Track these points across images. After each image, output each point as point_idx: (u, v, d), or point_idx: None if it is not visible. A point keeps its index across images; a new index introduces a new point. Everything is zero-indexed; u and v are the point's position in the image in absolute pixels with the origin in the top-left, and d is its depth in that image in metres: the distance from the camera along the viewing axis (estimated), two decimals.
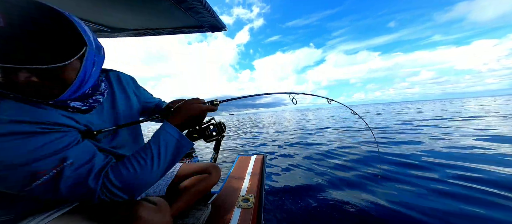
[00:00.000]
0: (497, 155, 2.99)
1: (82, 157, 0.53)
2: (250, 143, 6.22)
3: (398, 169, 2.76)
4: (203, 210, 1.11)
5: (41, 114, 0.50)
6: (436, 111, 10.88)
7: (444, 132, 5.06)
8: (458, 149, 3.42)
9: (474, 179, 2.22)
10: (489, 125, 5.68)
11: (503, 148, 3.29)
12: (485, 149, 3.33)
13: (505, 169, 2.43)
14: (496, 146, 3.49)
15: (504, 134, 4.37)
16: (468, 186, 2.08)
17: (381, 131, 6.22)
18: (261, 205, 1.31)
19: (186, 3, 0.70)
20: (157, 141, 0.62)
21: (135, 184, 0.56)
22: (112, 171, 0.55)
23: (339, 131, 6.92)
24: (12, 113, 0.46)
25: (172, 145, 0.63)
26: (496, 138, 4.05)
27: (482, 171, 2.43)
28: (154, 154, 0.59)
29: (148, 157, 0.59)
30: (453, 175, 2.37)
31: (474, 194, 1.92)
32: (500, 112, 9.74)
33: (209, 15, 0.83)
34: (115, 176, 0.54)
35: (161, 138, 0.63)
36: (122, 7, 0.73)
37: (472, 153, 3.15)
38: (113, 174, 0.54)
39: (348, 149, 4.17)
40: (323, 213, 1.85)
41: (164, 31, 0.99)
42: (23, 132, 0.46)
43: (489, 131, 4.85)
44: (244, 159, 2.20)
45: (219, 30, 1.01)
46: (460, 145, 3.68)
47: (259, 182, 1.60)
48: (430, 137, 4.60)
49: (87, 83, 0.58)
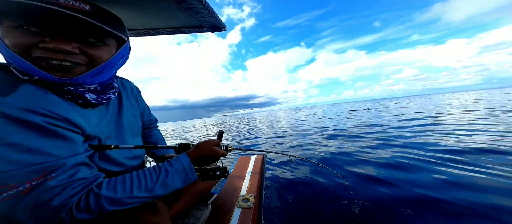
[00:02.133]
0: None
1: (66, 170, 0.47)
2: (249, 143, 6.22)
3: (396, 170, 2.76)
4: (203, 210, 1.11)
5: (54, 105, 0.47)
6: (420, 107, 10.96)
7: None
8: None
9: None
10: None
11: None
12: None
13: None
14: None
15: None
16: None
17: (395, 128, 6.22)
18: (261, 205, 1.31)
19: (186, 3, 0.70)
20: (165, 168, 0.63)
21: (123, 203, 0.53)
22: (102, 187, 0.52)
23: (340, 132, 6.92)
24: (25, 101, 0.42)
25: (179, 177, 0.65)
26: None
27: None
28: (160, 179, 0.60)
29: (152, 181, 0.59)
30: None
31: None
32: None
33: (209, 15, 0.83)
34: (107, 190, 0.51)
35: (173, 167, 0.64)
36: (122, 7, 0.73)
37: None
38: (104, 189, 0.51)
39: (349, 148, 4.17)
40: (323, 213, 1.85)
41: (164, 31, 0.99)
42: (30, 123, 0.42)
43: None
44: (244, 159, 2.20)
45: (219, 30, 1.00)
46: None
47: (259, 182, 1.60)
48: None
49: (110, 71, 0.60)
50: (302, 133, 6.76)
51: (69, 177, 0.46)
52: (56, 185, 0.44)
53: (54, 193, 0.43)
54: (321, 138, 5.42)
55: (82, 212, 0.47)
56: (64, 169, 0.45)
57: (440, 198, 1.82)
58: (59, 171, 0.44)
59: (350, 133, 5.67)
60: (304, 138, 5.69)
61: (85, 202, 0.48)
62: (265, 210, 1.42)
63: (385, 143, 4.06)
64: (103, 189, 0.51)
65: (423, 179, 2.25)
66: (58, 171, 0.44)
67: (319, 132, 6.56)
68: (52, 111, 0.46)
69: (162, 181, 0.60)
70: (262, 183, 1.62)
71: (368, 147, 3.90)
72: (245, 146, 5.61)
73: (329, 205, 1.98)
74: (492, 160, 2.56)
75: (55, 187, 0.44)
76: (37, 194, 0.41)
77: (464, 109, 8.89)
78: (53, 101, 0.48)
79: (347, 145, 4.29)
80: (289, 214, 1.86)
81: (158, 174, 0.61)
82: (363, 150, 3.72)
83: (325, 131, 6.47)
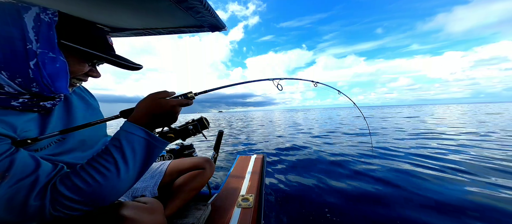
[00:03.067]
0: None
1: (22, 169, 0.45)
2: (250, 142, 6.21)
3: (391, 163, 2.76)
4: (203, 210, 1.11)
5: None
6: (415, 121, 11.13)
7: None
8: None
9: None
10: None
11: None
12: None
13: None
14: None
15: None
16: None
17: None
18: (261, 204, 1.31)
19: (186, 3, 0.70)
20: (119, 145, 0.53)
21: (99, 194, 0.49)
22: (62, 183, 0.47)
23: (336, 132, 6.92)
24: None
25: (140, 147, 0.55)
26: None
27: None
28: (118, 160, 0.51)
29: (110, 164, 0.51)
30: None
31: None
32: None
33: (209, 15, 0.82)
34: (68, 188, 0.46)
35: (124, 140, 0.54)
36: (122, 7, 0.73)
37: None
38: (63, 186, 0.46)
39: (346, 149, 4.17)
40: (323, 213, 1.85)
41: (164, 31, 0.99)
42: None
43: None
44: (244, 158, 2.20)
45: (219, 30, 1.00)
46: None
47: (259, 182, 1.60)
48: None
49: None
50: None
51: (28, 175, 0.45)
52: (12, 184, 0.43)
53: (15, 192, 0.43)
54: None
55: (56, 210, 0.46)
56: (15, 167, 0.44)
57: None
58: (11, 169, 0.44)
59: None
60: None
61: (51, 197, 0.46)
62: (265, 210, 1.42)
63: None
64: (59, 184, 0.48)
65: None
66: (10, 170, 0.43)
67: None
68: None
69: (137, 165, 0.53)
70: (262, 183, 1.62)
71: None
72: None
73: (329, 205, 1.98)
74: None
75: (14, 185, 0.43)
76: (1, 195, 0.42)
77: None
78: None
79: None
80: (289, 214, 1.86)
81: (123, 157, 0.52)
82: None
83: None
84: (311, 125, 10.31)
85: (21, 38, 0.47)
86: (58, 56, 0.52)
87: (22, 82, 0.49)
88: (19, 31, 0.47)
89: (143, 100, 0.62)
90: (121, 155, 0.52)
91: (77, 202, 0.47)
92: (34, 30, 0.48)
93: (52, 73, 0.52)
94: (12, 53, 0.47)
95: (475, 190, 2.13)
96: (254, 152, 4.63)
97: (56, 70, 0.53)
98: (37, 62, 0.49)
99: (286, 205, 2.02)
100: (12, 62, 0.47)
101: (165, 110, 0.61)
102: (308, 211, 1.89)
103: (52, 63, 0.52)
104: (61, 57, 0.53)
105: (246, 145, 5.82)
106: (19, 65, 0.48)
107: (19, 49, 0.47)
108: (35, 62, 0.49)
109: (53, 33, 0.51)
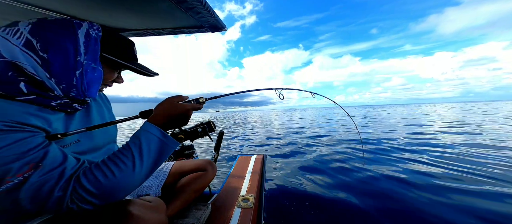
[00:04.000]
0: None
1: (53, 160, 0.48)
2: (249, 142, 6.22)
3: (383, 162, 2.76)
4: (203, 210, 1.11)
5: (5, 110, 0.47)
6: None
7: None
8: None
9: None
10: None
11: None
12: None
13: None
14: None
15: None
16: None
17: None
18: (261, 205, 1.31)
19: (186, 3, 0.70)
20: (138, 142, 0.57)
21: (114, 188, 0.51)
22: (84, 175, 0.50)
23: (334, 132, 6.93)
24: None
25: (155, 146, 0.58)
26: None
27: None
28: (136, 156, 0.54)
29: (128, 159, 0.54)
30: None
31: None
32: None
33: (209, 15, 0.83)
34: (88, 181, 0.49)
35: (143, 138, 0.57)
36: (122, 7, 0.73)
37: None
38: (85, 179, 0.49)
39: (341, 149, 4.18)
40: (323, 212, 1.85)
41: (164, 31, 0.99)
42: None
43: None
44: (244, 159, 2.20)
45: (219, 30, 1.01)
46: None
47: (259, 182, 1.60)
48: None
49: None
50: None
51: (57, 166, 0.48)
52: (43, 174, 0.46)
53: (44, 181, 0.46)
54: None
55: (77, 201, 0.48)
56: (47, 160, 0.47)
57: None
58: (45, 160, 0.47)
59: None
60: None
61: (73, 189, 0.48)
62: (265, 210, 1.42)
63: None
64: (82, 178, 0.50)
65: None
66: (45, 160, 0.47)
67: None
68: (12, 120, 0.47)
69: (152, 162, 0.57)
70: (262, 183, 1.62)
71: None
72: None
73: (329, 205, 1.98)
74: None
75: (44, 175, 0.46)
76: (32, 183, 0.44)
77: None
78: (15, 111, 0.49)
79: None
80: (289, 214, 1.86)
81: (139, 152, 0.55)
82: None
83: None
84: (311, 125, 10.31)
85: (74, 51, 0.54)
86: (98, 66, 0.61)
87: (65, 87, 0.55)
88: (74, 45, 0.54)
89: (162, 103, 0.67)
90: (139, 152, 0.56)
91: (93, 195, 0.49)
92: (84, 45, 0.56)
93: (90, 81, 0.59)
94: (64, 63, 0.53)
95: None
96: (255, 151, 4.63)
97: (94, 78, 0.61)
98: (81, 72, 0.56)
99: (286, 205, 2.02)
100: (63, 71, 0.53)
101: (181, 112, 0.66)
102: (308, 211, 1.89)
103: (92, 73, 0.59)
104: (99, 67, 0.61)
105: (246, 145, 5.82)
106: (69, 74, 0.54)
107: (71, 60, 0.54)
108: (80, 72, 0.56)
109: (98, 47, 0.59)
